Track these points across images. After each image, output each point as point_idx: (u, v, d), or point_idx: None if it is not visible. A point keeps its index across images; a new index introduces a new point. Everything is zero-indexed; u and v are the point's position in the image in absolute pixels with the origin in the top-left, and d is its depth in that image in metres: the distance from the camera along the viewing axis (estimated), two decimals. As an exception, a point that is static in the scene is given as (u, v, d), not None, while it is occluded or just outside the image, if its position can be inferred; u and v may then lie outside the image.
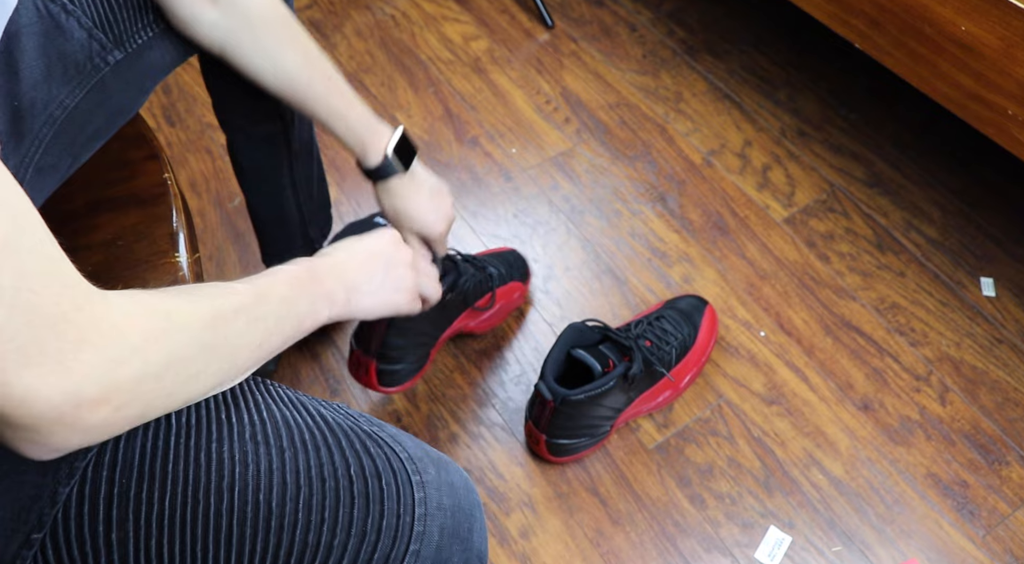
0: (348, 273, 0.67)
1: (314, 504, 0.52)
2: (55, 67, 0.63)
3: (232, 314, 0.52)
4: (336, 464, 0.53)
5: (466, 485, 0.60)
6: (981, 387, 1.12)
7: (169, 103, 1.44)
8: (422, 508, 0.55)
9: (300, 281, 0.61)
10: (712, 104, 1.44)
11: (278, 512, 0.51)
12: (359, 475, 0.54)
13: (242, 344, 0.52)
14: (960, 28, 0.97)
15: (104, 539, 0.50)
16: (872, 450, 1.07)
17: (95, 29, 0.65)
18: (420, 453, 0.58)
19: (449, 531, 0.56)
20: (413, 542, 0.54)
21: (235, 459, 0.52)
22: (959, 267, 1.24)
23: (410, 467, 0.55)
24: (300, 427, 0.55)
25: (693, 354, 1.10)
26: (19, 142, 0.61)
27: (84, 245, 0.72)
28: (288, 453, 0.53)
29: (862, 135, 1.39)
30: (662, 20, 1.58)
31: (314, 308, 0.62)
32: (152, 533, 0.50)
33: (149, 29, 0.69)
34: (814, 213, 1.30)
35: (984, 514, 1.02)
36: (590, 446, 1.04)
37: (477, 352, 1.15)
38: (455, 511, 0.57)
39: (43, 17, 0.61)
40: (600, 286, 1.22)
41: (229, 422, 0.54)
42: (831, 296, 1.21)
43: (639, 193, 1.33)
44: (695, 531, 1.01)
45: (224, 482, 0.51)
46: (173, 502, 0.51)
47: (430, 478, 0.56)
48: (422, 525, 0.54)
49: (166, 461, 0.52)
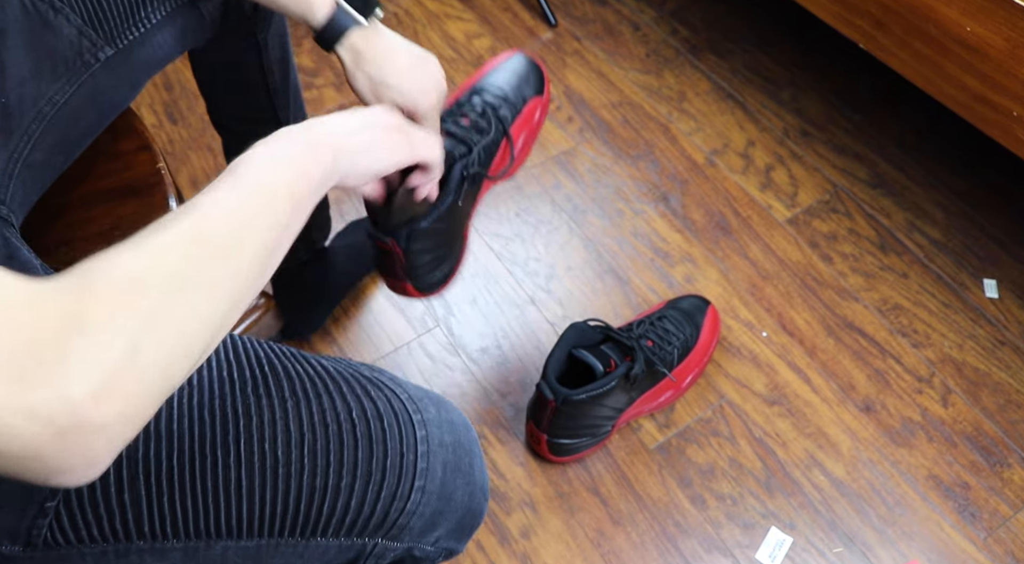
0: (343, 141, 0.55)
1: (319, 449, 0.53)
2: (44, 64, 0.63)
3: (211, 246, 0.43)
4: (338, 409, 0.55)
5: (464, 423, 0.61)
6: (983, 389, 1.12)
7: (171, 100, 1.44)
8: (424, 446, 0.56)
9: (290, 162, 0.51)
10: (715, 104, 1.44)
11: (284, 459, 0.53)
12: (361, 418, 0.55)
13: (237, 264, 0.44)
14: (966, 29, 0.97)
15: (116, 500, 0.51)
16: (874, 451, 1.07)
17: (85, 26, 0.65)
18: (420, 394, 0.59)
19: (452, 466, 0.58)
20: (418, 478, 0.55)
21: (239, 412, 0.53)
22: (962, 269, 1.23)
23: (411, 407, 0.57)
24: (301, 377, 0.56)
25: (695, 354, 1.09)
26: (7, 138, 0.61)
27: (81, 237, 0.72)
28: (290, 402, 0.54)
29: (865, 136, 1.39)
30: (665, 19, 1.57)
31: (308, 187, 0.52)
32: (163, 490, 0.52)
33: (140, 25, 0.69)
34: (817, 214, 1.30)
35: (985, 516, 1.02)
36: (591, 446, 1.04)
37: (478, 351, 1.15)
38: (456, 447, 0.59)
39: (31, 15, 0.62)
40: (602, 286, 1.22)
41: (231, 378, 0.55)
42: (833, 297, 1.20)
43: (642, 193, 1.32)
44: (696, 532, 1.00)
45: (230, 435, 0.53)
46: (181, 459, 0.52)
47: (431, 417, 0.58)
48: (425, 462, 0.56)
49: (171, 420, 0.53)
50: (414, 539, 0.58)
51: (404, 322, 1.18)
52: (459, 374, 1.13)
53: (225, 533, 0.53)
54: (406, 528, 0.56)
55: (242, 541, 0.53)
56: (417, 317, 1.18)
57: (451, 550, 0.62)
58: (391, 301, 1.20)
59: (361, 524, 0.55)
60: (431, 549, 0.60)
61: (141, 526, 0.52)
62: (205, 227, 0.42)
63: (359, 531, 0.55)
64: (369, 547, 0.56)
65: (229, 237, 0.43)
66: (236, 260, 0.43)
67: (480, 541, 1.00)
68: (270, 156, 0.48)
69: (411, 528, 0.57)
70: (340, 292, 1.16)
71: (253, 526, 0.53)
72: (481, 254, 1.25)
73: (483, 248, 1.25)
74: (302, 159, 0.50)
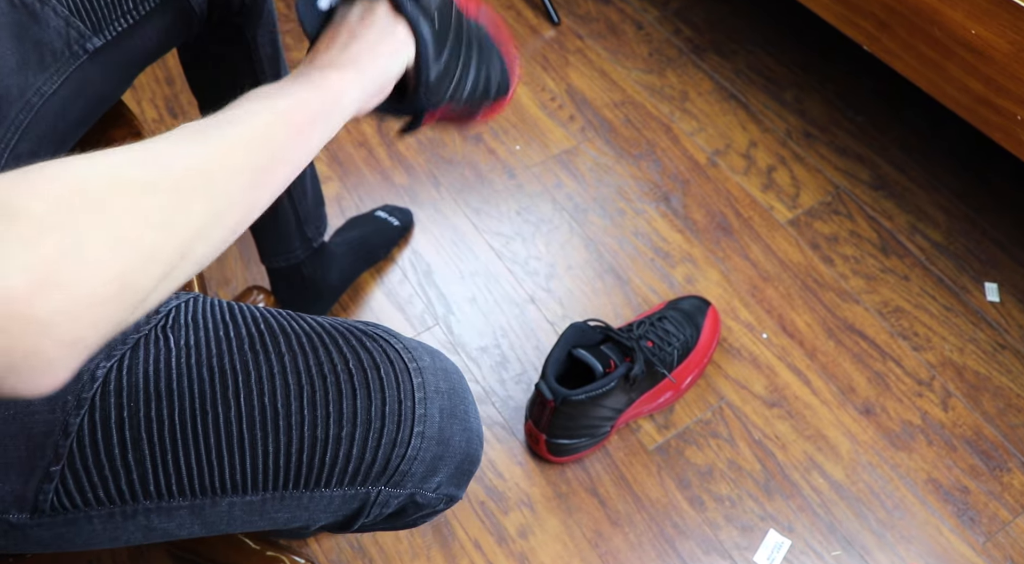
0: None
1: (318, 400, 0.54)
2: (30, 55, 0.63)
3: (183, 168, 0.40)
4: (335, 361, 0.56)
5: (457, 372, 0.63)
6: (984, 393, 1.12)
7: (172, 95, 1.43)
8: (421, 392, 0.57)
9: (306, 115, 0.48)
10: (718, 104, 1.43)
11: (284, 412, 0.54)
12: (358, 368, 0.56)
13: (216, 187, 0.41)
14: (970, 32, 0.96)
15: (121, 461, 0.52)
16: (873, 454, 1.06)
17: (72, 16, 0.65)
18: (414, 344, 0.60)
19: (448, 412, 0.59)
20: (416, 424, 0.56)
21: (236, 369, 0.54)
22: (963, 272, 1.23)
23: (406, 356, 0.58)
24: (297, 332, 0.57)
25: (695, 355, 1.09)
26: None
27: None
28: (287, 357, 0.55)
29: (868, 138, 1.39)
30: (669, 19, 1.57)
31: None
32: (167, 449, 0.53)
33: (130, 16, 0.69)
34: (818, 215, 1.29)
35: (985, 520, 1.01)
36: (590, 446, 1.04)
37: (478, 349, 1.15)
38: (451, 394, 0.60)
39: (17, 7, 0.62)
40: (603, 285, 1.21)
41: (228, 337, 0.56)
42: (834, 299, 1.20)
43: (643, 192, 1.32)
44: (694, 533, 1.00)
45: (229, 391, 0.54)
46: (183, 417, 0.53)
47: (426, 364, 0.59)
48: (423, 408, 0.57)
49: (170, 380, 0.54)
50: (416, 485, 0.59)
51: (403, 320, 1.17)
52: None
53: (231, 489, 0.54)
54: (408, 474, 0.57)
55: (247, 496, 0.54)
56: (416, 315, 1.18)
57: (452, 496, 0.63)
58: (390, 298, 1.19)
59: (364, 472, 0.56)
60: (432, 496, 0.61)
61: (147, 485, 0.53)
62: (182, 152, 0.39)
63: (362, 479, 0.56)
64: (373, 495, 0.57)
65: (209, 159, 0.40)
66: (216, 183, 0.40)
67: (478, 540, 0.99)
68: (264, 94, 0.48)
69: (412, 474, 0.58)
70: (339, 288, 1.16)
71: (258, 480, 0.54)
72: (481, 252, 1.25)
73: (483, 246, 1.25)
74: (298, 91, 0.49)
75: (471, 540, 0.99)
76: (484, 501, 1.02)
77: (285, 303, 1.12)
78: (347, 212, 1.29)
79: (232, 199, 0.42)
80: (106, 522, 0.53)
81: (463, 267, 1.23)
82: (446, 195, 1.31)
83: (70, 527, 0.53)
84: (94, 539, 0.54)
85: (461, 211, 1.29)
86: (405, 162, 1.35)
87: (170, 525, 0.55)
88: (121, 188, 0.36)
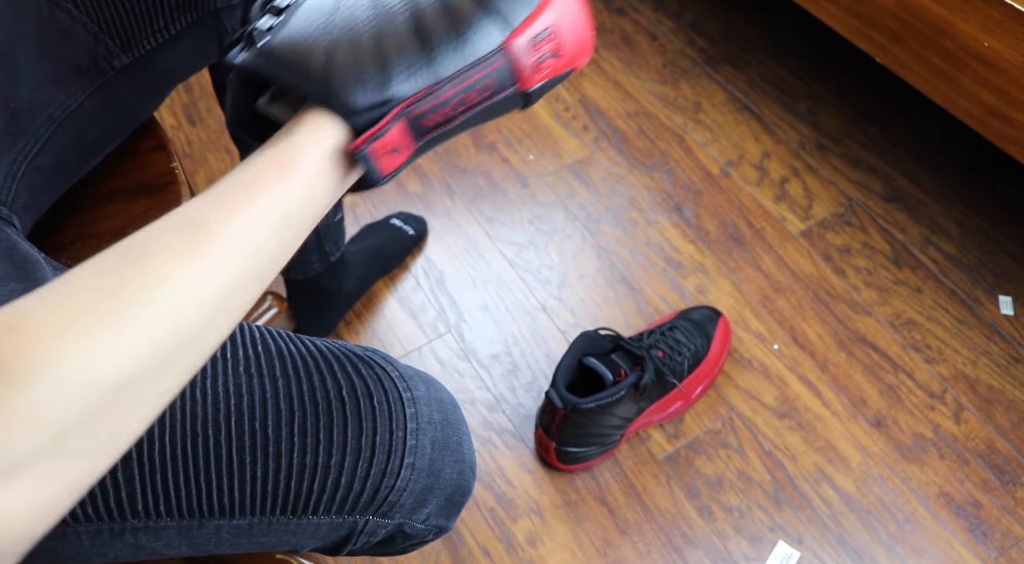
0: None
1: (308, 427, 0.54)
2: (57, 70, 0.63)
3: (180, 343, 0.36)
4: (328, 387, 0.55)
5: (452, 402, 0.62)
6: (997, 406, 1.11)
7: (191, 102, 1.45)
8: (414, 423, 0.57)
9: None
10: (731, 115, 1.44)
11: (274, 438, 0.53)
12: (351, 396, 0.55)
13: (203, 356, 0.39)
14: (983, 44, 0.97)
15: (111, 479, 0.51)
16: (884, 467, 1.06)
17: (101, 33, 0.65)
18: (410, 372, 0.60)
19: (440, 443, 0.58)
20: (407, 455, 0.56)
21: (230, 392, 0.54)
22: (977, 284, 1.23)
23: (400, 385, 0.57)
24: (293, 356, 0.57)
25: (705, 365, 1.09)
26: (14, 141, 0.61)
27: (94, 234, 0.73)
28: (281, 382, 0.55)
29: (881, 149, 1.39)
30: (683, 30, 1.57)
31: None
32: (156, 469, 0.52)
33: (160, 35, 0.69)
34: (831, 227, 1.29)
35: (997, 536, 1.01)
36: (599, 455, 1.04)
37: (489, 357, 1.15)
38: (444, 425, 0.59)
39: (48, 21, 0.62)
40: (614, 295, 1.22)
41: (224, 358, 0.55)
42: (846, 310, 1.20)
43: (655, 202, 1.32)
44: (703, 543, 1.00)
45: (220, 414, 0.53)
46: (173, 438, 0.52)
47: (420, 394, 0.58)
48: (415, 439, 0.56)
49: None
50: (404, 516, 0.59)
51: (415, 327, 1.18)
52: (469, 380, 1.13)
53: (218, 512, 0.54)
54: (396, 505, 0.57)
55: (235, 520, 0.54)
56: (429, 322, 1.19)
57: (441, 528, 0.63)
58: (403, 305, 1.20)
59: (352, 501, 0.55)
60: (421, 527, 0.61)
61: (135, 504, 0.52)
62: (182, 316, 0.35)
63: (350, 508, 0.56)
64: (360, 524, 0.57)
65: (201, 330, 0.37)
66: (203, 352, 0.38)
67: (486, 547, 1.00)
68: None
69: (401, 505, 0.57)
70: (353, 297, 1.17)
71: (245, 505, 0.54)
72: (494, 261, 1.25)
73: (496, 255, 1.26)
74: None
75: (480, 547, 1.00)
76: (493, 508, 1.03)
77: (299, 312, 1.13)
78: (361, 219, 1.30)
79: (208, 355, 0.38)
80: (94, 539, 0.53)
81: (476, 275, 1.24)
82: (460, 203, 1.32)
83: (58, 541, 0.52)
84: (82, 554, 0.54)
85: (474, 219, 1.30)
86: (419, 170, 1.36)
87: (157, 544, 0.54)
88: (121, 392, 0.33)
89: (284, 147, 0.41)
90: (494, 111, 0.45)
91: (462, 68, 0.42)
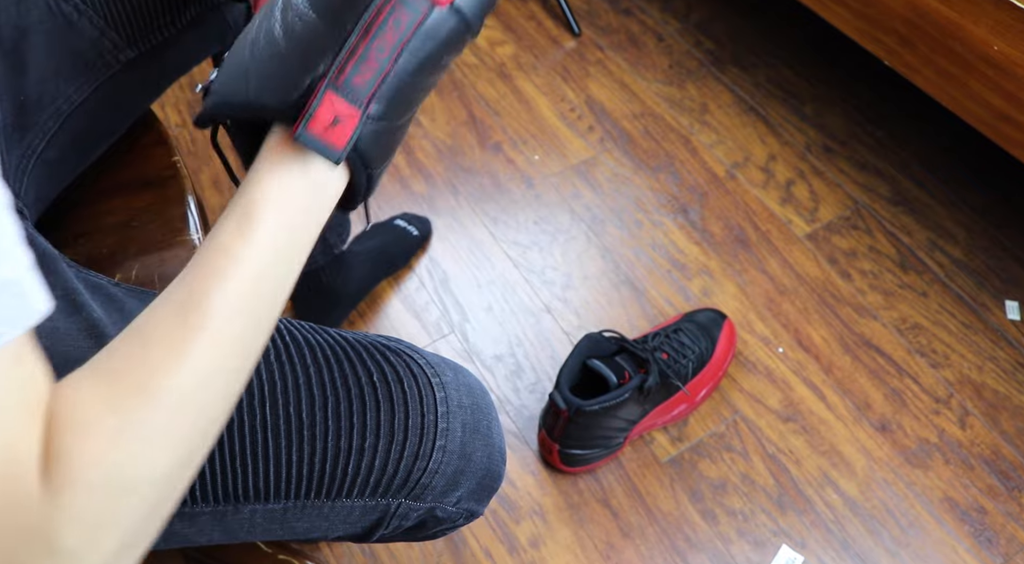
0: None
1: (342, 411, 0.55)
2: (63, 64, 0.64)
3: (201, 423, 0.39)
4: (359, 374, 0.56)
5: (481, 388, 0.63)
6: (1003, 412, 1.11)
7: (195, 100, 1.45)
8: (444, 407, 0.58)
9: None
10: (737, 117, 1.43)
11: (308, 422, 0.54)
12: (382, 381, 0.56)
13: (218, 427, 0.42)
14: (993, 48, 0.96)
15: None
16: (888, 472, 1.05)
17: (107, 27, 0.66)
18: (437, 360, 0.61)
19: (471, 427, 0.59)
20: (439, 438, 0.57)
21: (263, 379, 0.55)
22: (983, 289, 1.22)
23: (429, 371, 0.59)
24: (322, 345, 0.58)
25: (710, 368, 1.09)
26: (23, 134, 0.62)
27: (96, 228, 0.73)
28: (312, 369, 0.56)
29: (888, 152, 1.38)
30: (689, 31, 1.57)
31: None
32: None
33: (165, 29, 0.70)
34: (837, 230, 1.29)
35: (1002, 542, 1.00)
36: (603, 457, 1.04)
37: (493, 358, 1.15)
38: (474, 410, 0.60)
39: (55, 15, 0.62)
40: (618, 296, 1.21)
41: None
42: (851, 314, 1.19)
43: (661, 204, 1.32)
44: (706, 547, 1.00)
45: (255, 400, 0.54)
46: None
47: (448, 380, 0.59)
48: (445, 422, 0.58)
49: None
50: (436, 499, 0.59)
51: (419, 327, 1.18)
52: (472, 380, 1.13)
53: (253, 496, 0.54)
54: (428, 487, 0.58)
55: (269, 504, 0.55)
56: (432, 323, 1.18)
57: (472, 512, 0.63)
58: (406, 305, 1.20)
59: (385, 484, 0.56)
60: (453, 510, 0.61)
61: None
62: (201, 399, 0.38)
63: (383, 491, 0.56)
64: (393, 507, 0.58)
65: (217, 409, 0.40)
66: (220, 423, 0.41)
67: (489, 549, 1.00)
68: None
69: (433, 487, 0.58)
70: (357, 297, 1.17)
71: (280, 489, 0.55)
72: (498, 261, 1.25)
73: (500, 255, 1.26)
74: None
75: (482, 549, 1.00)
76: (496, 510, 1.02)
77: (302, 310, 1.13)
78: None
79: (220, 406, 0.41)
80: None
81: (480, 276, 1.24)
82: (464, 204, 1.31)
83: None
84: None
85: (479, 220, 1.30)
86: (424, 170, 1.36)
87: (190, 531, 0.55)
88: (160, 487, 0.37)
89: (248, 196, 0.43)
90: (441, 45, 0.43)
91: (362, 17, 0.42)
